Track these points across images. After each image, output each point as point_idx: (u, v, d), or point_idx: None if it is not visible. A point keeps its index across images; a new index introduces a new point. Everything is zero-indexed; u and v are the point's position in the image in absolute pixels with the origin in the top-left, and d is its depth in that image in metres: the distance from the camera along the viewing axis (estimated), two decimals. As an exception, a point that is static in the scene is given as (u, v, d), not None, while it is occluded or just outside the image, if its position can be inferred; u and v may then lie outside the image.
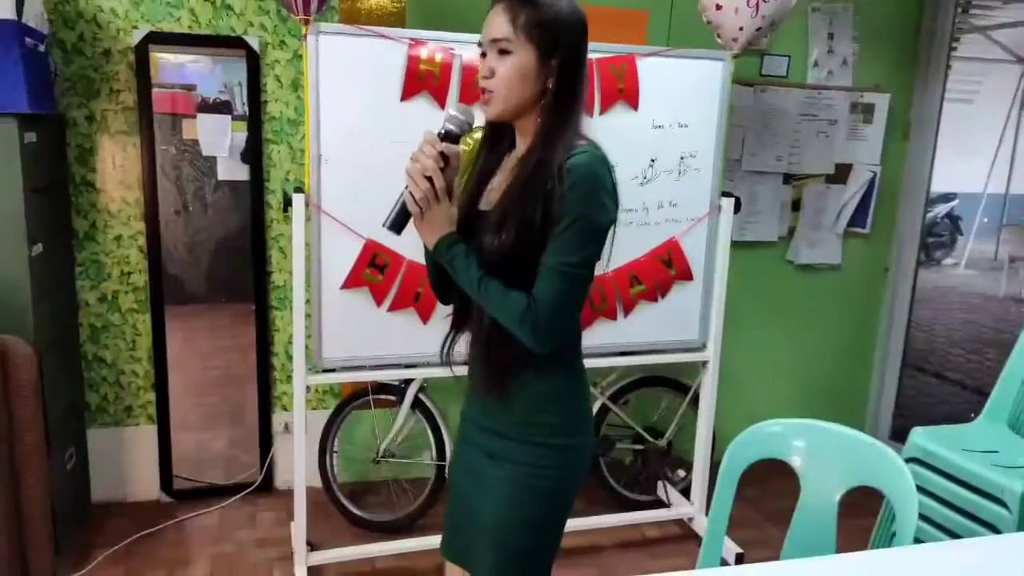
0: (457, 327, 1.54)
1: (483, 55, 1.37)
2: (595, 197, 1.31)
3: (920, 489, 1.66)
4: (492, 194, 1.43)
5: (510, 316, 1.33)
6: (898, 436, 3.73)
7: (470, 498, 1.52)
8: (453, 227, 1.38)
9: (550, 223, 1.30)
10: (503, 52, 1.33)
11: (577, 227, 1.30)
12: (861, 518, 2.10)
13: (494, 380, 1.42)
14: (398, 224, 1.39)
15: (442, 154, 1.34)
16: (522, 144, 1.42)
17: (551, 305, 1.31)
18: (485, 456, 1.48)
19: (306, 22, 2.27)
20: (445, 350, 1.55)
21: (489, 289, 1.34)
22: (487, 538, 1.45)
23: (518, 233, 1.31)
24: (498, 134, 1.46)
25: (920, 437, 2.43)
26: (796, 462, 1.72)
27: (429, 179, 1.33)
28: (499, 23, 1.32)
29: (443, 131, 1.38)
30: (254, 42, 2.87)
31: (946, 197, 8.90)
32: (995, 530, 2.14)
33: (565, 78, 1.34)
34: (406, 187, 1.36)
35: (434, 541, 2.66)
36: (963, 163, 8.01)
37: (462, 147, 1.40)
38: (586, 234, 1.31)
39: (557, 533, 1.49)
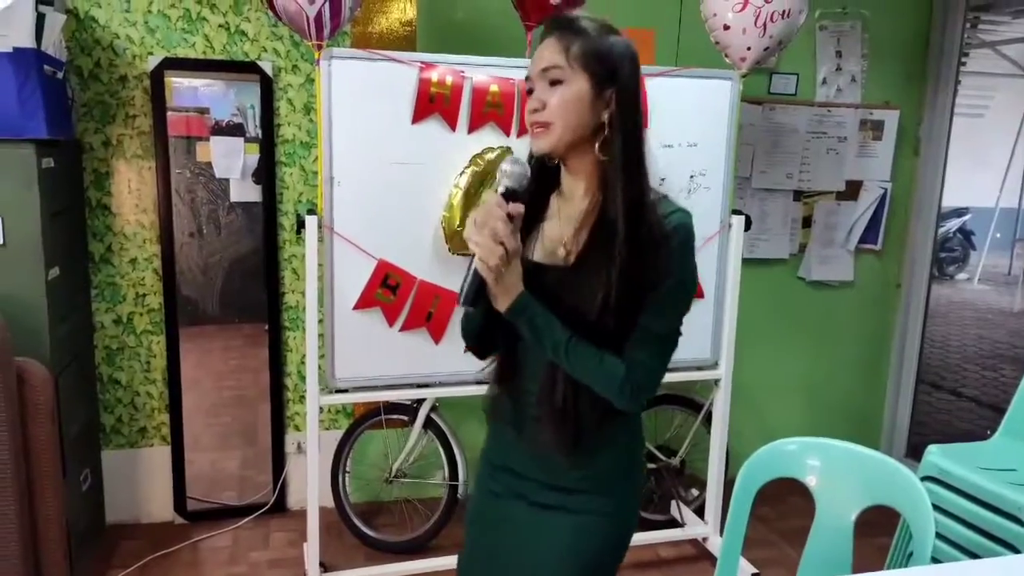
0: (505, 381, 1.42)
1: (530, 91, 1.30)
2: (692, 259, 1.30)
3: (937, 508, 1.65)
4: (550, 244, 1.34)
5: (607, 381, 1.27)
6: (914, 454, 3.70)
7: (515, 555, 1.42)
8: (522, 285, 1.28)
9: (647, 284, 1.25)
10: (555, 83, 1.26)
11: (680, 290, 1.29)
12: (877, 537, 2.08)
13: (569, 441, 1.32)
14: (475, 297, 1.29)
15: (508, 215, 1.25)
16: (574, 185, 1.34)
17: (650, 367, 1.29)
18: (541, 508, 1.39)
19: (319, 47, 2.30)
20: (492, 406, 1.45)
21: (579, 353, 1.26)
22: None
23: (619, 298, 1.24)
24: (542, 173, 1.36)
25: (936, 455, 2.41)
26: (811, 481, 1.71)
27: (502, 243, 1.23)
28: (550, 53, 1.27)
29: (504, 190, 1.27)
30: (267, 67, 2.91)
31: (958, 212, 8.86)
32: (1013, 549, 2.12)
33: (626, 108, 1.28)
34: (472, 260, 1.26)
35: (446, 562, 2.68)
36: (974, 177, 7.99)
37: (501, 187, 1.29)
38: (685, 297, 1.31)
39: (617, 568, 1.45)
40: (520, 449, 1.41)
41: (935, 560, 1.49)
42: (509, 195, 1.27)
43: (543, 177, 1.37)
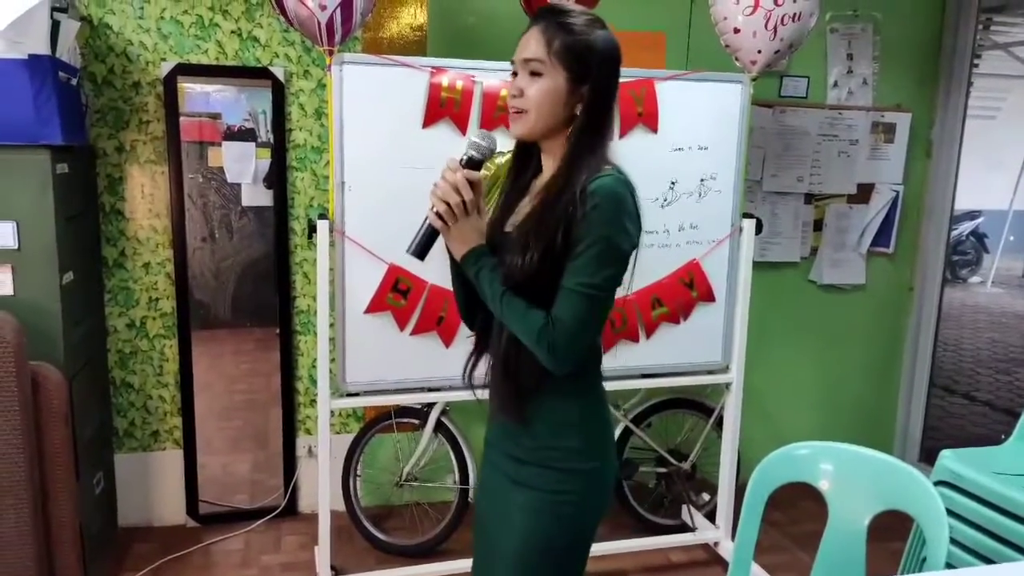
0: (479, 350, 1.54)
1: (514, 74, 1.39)
2: (617, 220, 1.31)
3: (950, 513, 1.63)
4: (519, 217, 1.44)
5: (529, 333, 1.33)
6: (927, 458, 3.67)
7: (491, 525, 1.51)
8: (482, 241, 1.39)
9: (570, 245, 1.31)
10: (534, 74, 1.35)
11: (597, 248, 1.30)
12: (891, 542, 2.07)
13: (512, 403, 1.42)
14: (422, 248, 1.41)
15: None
16: (549, 168, 1.43)
17: (569, 325, 1.31)
18: (509, 482, 1.47)
19: (330, 52, 2.32)
20: (467, 372, 1.55)
21: (511, 305, 1.35)
22: (508, 566, 1.44)
23: (541, 254, 1.31)
24: (526, 157, 1.48)
25: (949, 459, 2.39)
26: (824, 485, 1.71)
27: (457, 192, 1.36)
28: (533, 45, 1.35)
29: (466, 157, 1.40)
30: (279, 72, 2.93)
31: (971, 215, 8.80)
32: (1029, 554, 2.10)
33: (594, 106, 1.36)
34: (431, 210, 1.38)
35: (457, 566, 2.68)
36: (987, 180, 7.93)
37: (483, 172, 1.42)
38: (606, 256, 1.31)
39: (580, 560, 1.48)
40: (494, 419, 1.52)
41: (949, 565, 1.48)
42: (468, 162, 1.40)
43: (531, 160, 1.48)
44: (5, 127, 2.25)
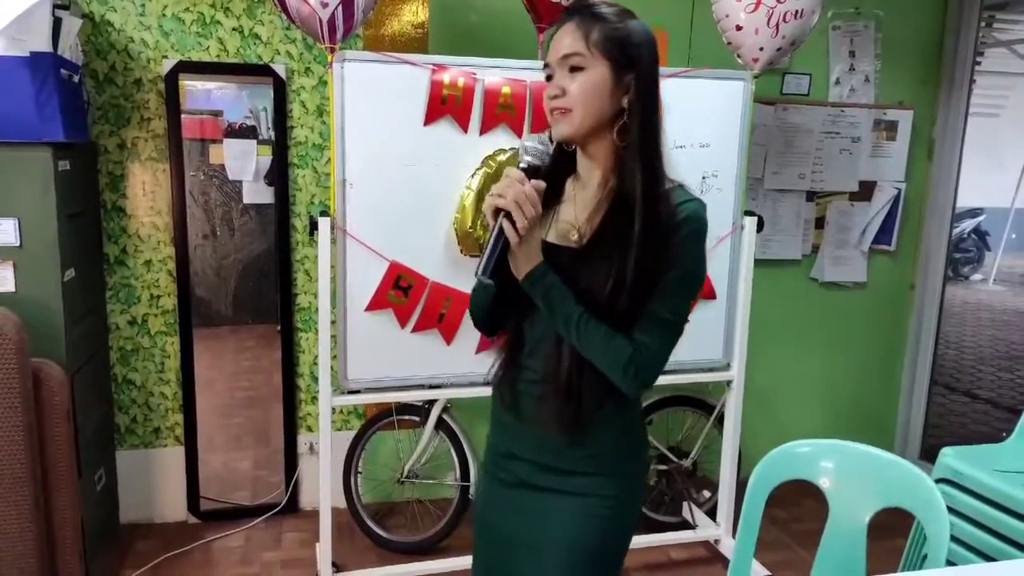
0: (510, 361, 1.44)
1: (548, 77, 1.32)
2: (704, 249, 1.32)
3: (951, 510, 1.63)
4: (563, 226, 1.36)
5: (612, 361, 1.28)
6: (928, 456, 3.67)
7: (524, 539, 1.43)
8: (541, 255, 1.31)
9: (660, 269, 1.27)
10: (575, 69, 1.28)
11: (689, 278, 1.31)
12: (891, 540, 2.07)
13: (571, 419, 1.34)
14: (495, 268, 1.28)
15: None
16: (590, 170, 1.36)
17: (657, 353, 1.29)
18: (545, 493, 1.41)
19: (332, 50, 2.31)
20: (497, 382, 1.46)
21: (589, 330, 1.28)
22: (555, 570, 1.39)
23: (630, 281, 1.26)
24: (559, 157, 1.38)
25: (951, 457, 2.39)
26: (825, 483, 1.71)
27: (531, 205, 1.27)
28: (571, 40, 1.28)
29: (525, 165, 1.30)
30: (280, 69, 2.93)
31: (973, 212, 8.79)
32: (1030, 552, 2.10)
33: (645, 94, 1.29)
34: (495, 226, 1.27)
35: (458, 562, 2.68)
36: (989, 178, 7.92)
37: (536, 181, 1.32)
38: (693, 284, 1.32)
39: (624, 555, 1.47)
40: (520, 432, 1.43)
41: (950, 563, 1.48)
42: (530, 172, 1.29)
43: (559, 161, 1.38)
44: (7, 124, 2.25)
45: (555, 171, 1.38)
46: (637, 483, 1.45)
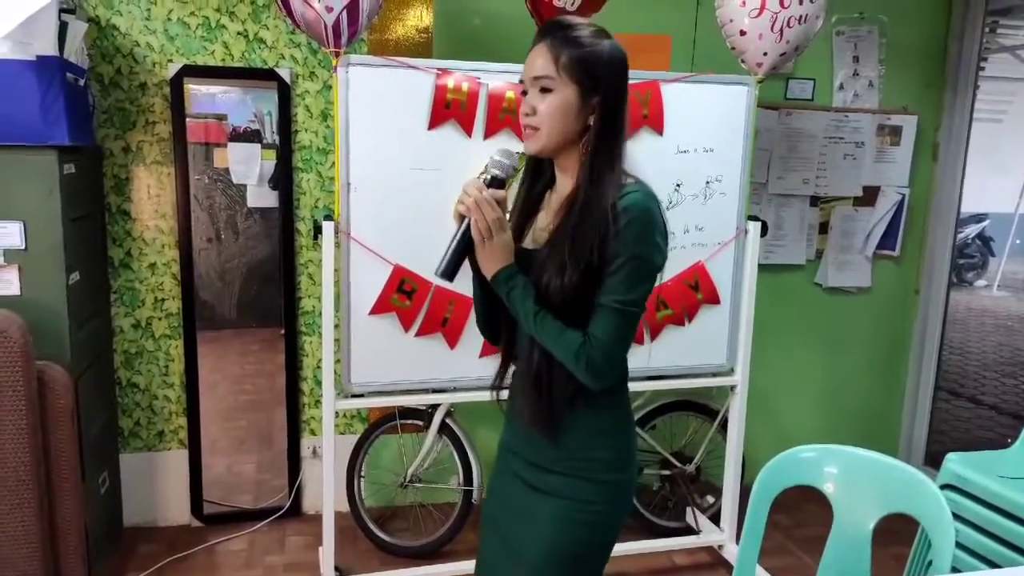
0: (507, 362, 1.55)
1: (523, 92, 1.39)
2: (649, 236, 1.34)
3: (956, 517, 1.63)
4: (539, 233, 1.45)
5: (567, 353, 1.34)
6: (932, 462, 3.66)
7: (509, 533, 1.50)
8: (511, 259, 1.39)
9: (605, 262, 1.32)
10: (544, 90, 1.35)
11: (631, 265, 1.32)
12: (896, 546, 2.06)
13: (543, 415, 1.41)
14: (452, 268, 1.39)
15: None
16: (564, 180, 1.44)
17: (606, 342, 1.33)
18: (529, 489, 1.47)
19: (336, 54, 2.32)
20: (496, 384, 1.56)
21: (545, 325, 1.35)
22: (531, 573, 1.44)
23: (580, 275, 1.32)
24: (538, 170, 1.49)
25: (955, 463, 2.38)
26: (829, 489, 1.70)
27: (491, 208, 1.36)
28: (541, 62, 1.35)
29: (489, 176, 1.39)
30: (285, 73, 2.94)
31: (977, 218, 8.77)
32: (1035, 559, 2.09)
33: (607, 115, 1.36)
34: (458, 231, 1.38)
35: (461, 567, 2.68)
36: (994, 183, 7.90)
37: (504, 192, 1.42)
38: (640, 272, 1.34)
39: (600, 568, 1.49)
40: (514, 427, 1.53)
41: (955, 569, 1.47)
42: (492, 181, 1.39)
43: (541, 174, 1.49)
44: (13, 127, 2.26)
45: (538, 184, 1.50)
46: (618, 490, 1.45)
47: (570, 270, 1.32)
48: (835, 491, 1.70)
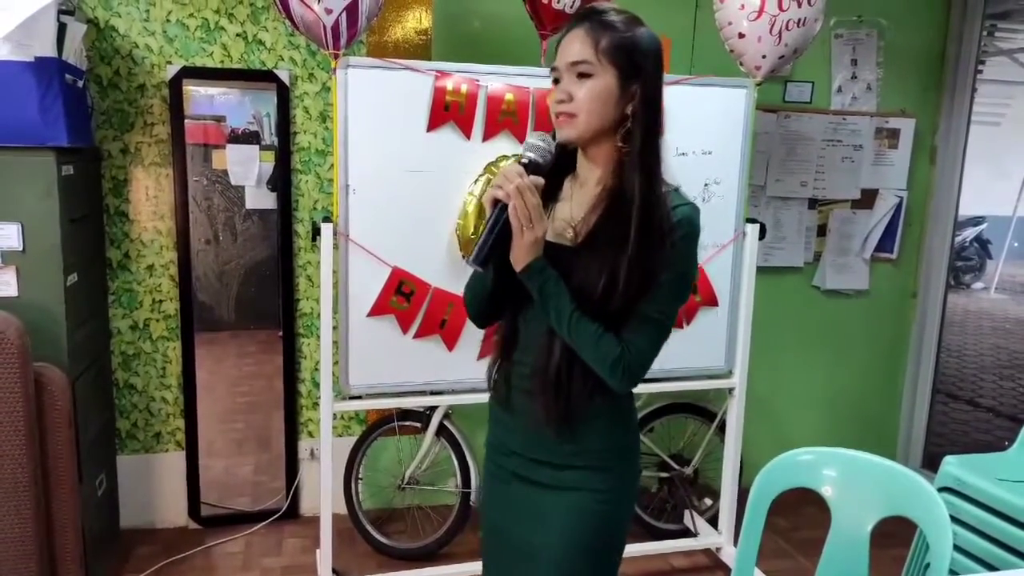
0: (504, 355, 1.48)
1: (555, 81, 1.35)
2: (695, 252, 1.35)
3: (954, 519, 1.63)
4: (559, 224, 1.39)
5: (601, 359, 1.32)
6: (930, 464, 3.66)
7: (520, 535, 1.46)
8: (541, 248, 1.32)
9: (653, 272, 1.29)
10: (583, 76, 1.31)
11: (679, 280, 1.33)
12: (894, 548, 2.06)
13: (559, 415, 1.37)
14: (488, 256, 1.32)
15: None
16: (590, 172, 1.39)
17: (645, 351, 1.33)
18: (538, 488, 1.44)
19: (335, 56, 2.32)
20: (492, 377, 1.50)
21: (581, 326, 1.31)
22: (552, 569, 1.41)
23: (630, 285, 1.29)
24: (558, 158, 1.42)
25: (953, 466, 2.38)
26: (827, 491, 1.70)
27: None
28: (579, 46, 1.31)
29: (527, 161, 1.34)
30: (284, 75, 2.94)
31: (975, 220, 8.79)
32: (1033, 562, 2.09)
33: (649, 104, 1.33)
34: (492, 217, 1.31)
35: (459, 569, 2.68)
36: (991, 186, 7.92)
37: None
38: (683, 286, 1.35)
39: (618, 561, 1.48)
40: (512, 427, 1.47)
41: (952, 572, 1.47)
42: (530, 166, 1.33)
43: (559, 161, 1.42)
44: (11, 129, 2.26)
45: (554, 170, 1.42)
46: (630, 477, 1.46)
47: (624, 277, 1.28)
48: (833, 494, 1.70)
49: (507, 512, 1.50)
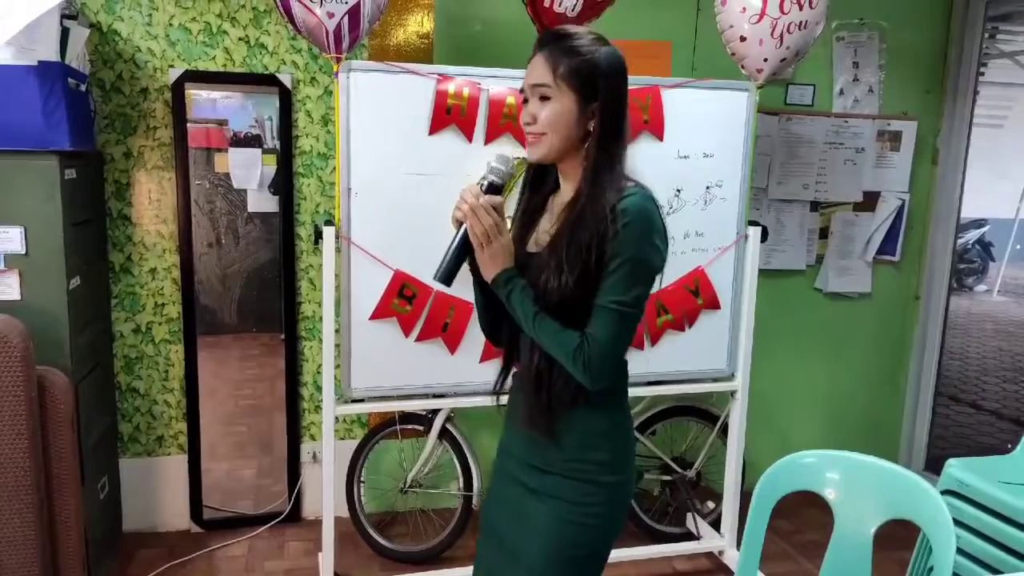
0: (508, 364, 1.57)
1: (524, 100, 1.42)
2: (647, 238, 1.35)
3: (957, 522, 1.63)
4: (541, 236, 1.46)
5: (564, 352, 1.36)
6: (933, 467, 3.66)
7: (508, 535, 1.51)
8: (511, 262, 1.41)
9: (603, 263, 1.34)
10: (544, 98, 1.38)
11: (629, 267, 1.33)
12: (897, 551, 2.06)
13: (542, 416, 1.42)
14: (449, 273, 1.42)
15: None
16: (567, 186, 1.46)
17: (603, 342, 1.34)
18: (527, 492, 1.48)
19: (337, 59, 2.33)
20: (498, 386, 1.58)
21: (543, 326, 1.37)
22: (527, 573, 1.45)
23: (577, 276, 1.34)
24: (541, 175, 1.51)
25: (956, 468, 2.38)
26: (830, 494, 1.70)
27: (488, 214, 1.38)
28: (540, 71, 1.37)
29: (486, 183, 1.42)
30: (286, 79, 2.94)
31: (977, 223, 8.78)
32: (1036, 565, 2.09)
33: (607, 121, 1.38)
34: (456, 236, 1.40)
35: (461, 573, 2.67)
36: (993, 188, 7.91)
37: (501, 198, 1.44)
38: (637, 274, 1.35)
39: (599, 571, 1.49)
40: (513, 429, 1.54)
41: (955, 575, 1.47)
42: (489, 187, 1.41)
43: (545, 180, 1.52)
44: (14, 133, 2.26)
45: (542, 189, 1.52)
46: (616, 492, 1.46)
47: (567, 270, 1.34)
48: (836, 496, 1.69)
49: (500, 512, 1.54)
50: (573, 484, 1.43)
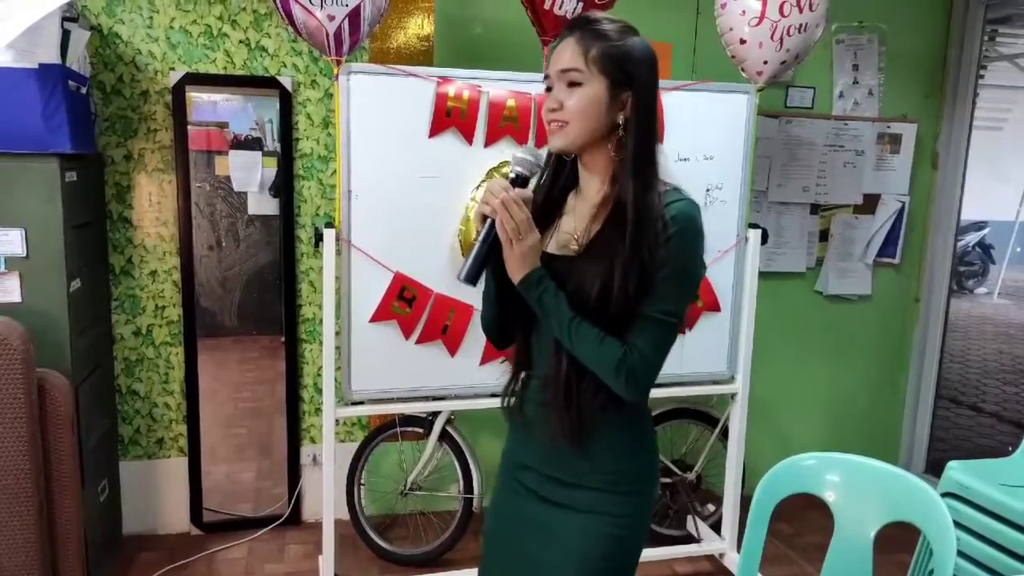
0: (520, 370, 1.47)
1: (548, 88, 1.35)
2: (696, 247, 1.32)
3: (957, 525, 1.62)
4: (564, 236, 1.39)
5: (605, 363, 1.29)
6: (933, 470, 3.66)
7: (530, 551, 1.44)
8: (539, 262, 1.33)
9: (649, 272, 1.28)
10: (573, 84, 1.30)
11: (679, 277, 1.30)
12: (897, 554, 2.06)
13: (572, 428, 1.34)
14: (476, 272, 1.33)
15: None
16: (591, 182, 1.39)
17: (649, 353, 1.30)
18: (551, 506, 1.41)
19: (338, 62, 2.33)
20: (508, 395, 1.48)
21: (582, 332, 1.30)
22: None
23: (629, 285, 1.27)
24: (558, 170, 1.43)
25: (956, 471, 2.38)
26: (830, 497, 1.70)
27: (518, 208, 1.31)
28: (570, 54, 1.30)
29: (514, 175, 1.36)
30: (287, 82, 2.95)
31: (977, 225, 8.79)
32: (1037, 567, 2.09)
33: (642, 112, 1.32)
34: (482, 233, 1.33)
35: (461, 575, 2.67)
36: (993, 191, 7.92)
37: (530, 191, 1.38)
38: (685, 284, 1.32)
39: None
40: (529, 441, 1.45)
41: (957, 578, 1.47)
42: (516, 180, 1.35)
43: (561, 175, 1.43)
44: (15, 135, 2.27)
45: (557, 185, 1.43)
46: (646, 501, 1.43)
47: (617, 280, 1.27)
48: (836, 499, 1.69)
49: (518, 525, 1.46)
50: (606, 496, 1.37)
